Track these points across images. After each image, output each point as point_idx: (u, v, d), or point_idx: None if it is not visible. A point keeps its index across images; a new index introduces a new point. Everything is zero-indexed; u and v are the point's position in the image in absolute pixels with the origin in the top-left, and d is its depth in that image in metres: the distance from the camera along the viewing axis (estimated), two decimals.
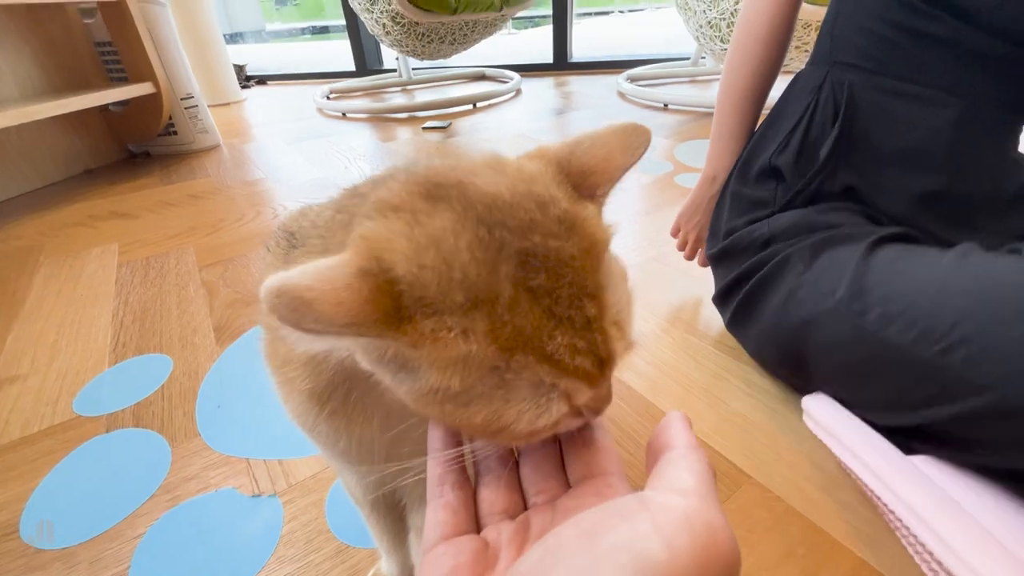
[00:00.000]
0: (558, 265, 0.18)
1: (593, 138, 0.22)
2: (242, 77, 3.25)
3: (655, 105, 2.08)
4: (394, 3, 1.98)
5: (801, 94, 0.64)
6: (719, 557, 0.15)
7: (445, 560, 0.19)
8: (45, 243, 1.23)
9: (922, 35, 0.54)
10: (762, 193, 0.65)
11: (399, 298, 0.16)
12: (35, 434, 0.66)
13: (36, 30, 1.59)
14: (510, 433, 0.19)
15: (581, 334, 0.18)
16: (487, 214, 0.18)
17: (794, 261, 0.58)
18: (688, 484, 0.17)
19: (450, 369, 0.17)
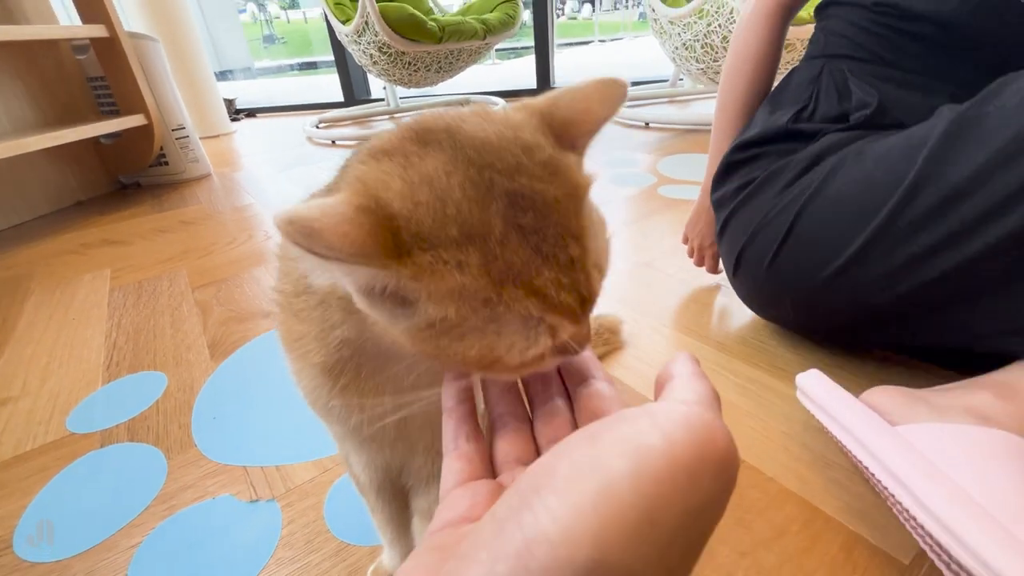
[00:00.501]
0: (544, 206, 0.19)
1: (574, 91, 0.23)
2: (232, 110, 3.30)
3: (637, 124, 2.14)
4: (381, 34, 2.05)
5: (801, 85, 0.68)
6: (715, 452, 0.15)
7: (462, 501, 0.20)
8: (35, 271, 1.23)
9: (903, 32, 0.61)
10: (788, 147, 0.65)
11: (398, 233, 0.17)
12: (27, 452, 0.65)
13: (29, 66, 1.62)
14: (502, 366, 0.20)
15: (565, 272, 0.19)
16: (476, 156, 0.19)
17: (861, 149, 0.57)
18: (690, 397, 0.18)
19: (447, 301, 0.18)
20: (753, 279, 0.68)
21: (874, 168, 0.53)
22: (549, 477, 0.15)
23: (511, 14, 2.37)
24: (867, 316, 0.58)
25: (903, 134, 0.53)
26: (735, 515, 0.49)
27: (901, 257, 0.50)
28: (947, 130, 0.48)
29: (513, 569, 0.14)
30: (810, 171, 0.60)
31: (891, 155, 0.52)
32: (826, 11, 0.70)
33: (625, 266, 1.00)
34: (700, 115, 2.15)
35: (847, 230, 0.54)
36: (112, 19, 1.60)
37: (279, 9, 13.63)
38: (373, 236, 0.17)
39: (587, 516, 0.14)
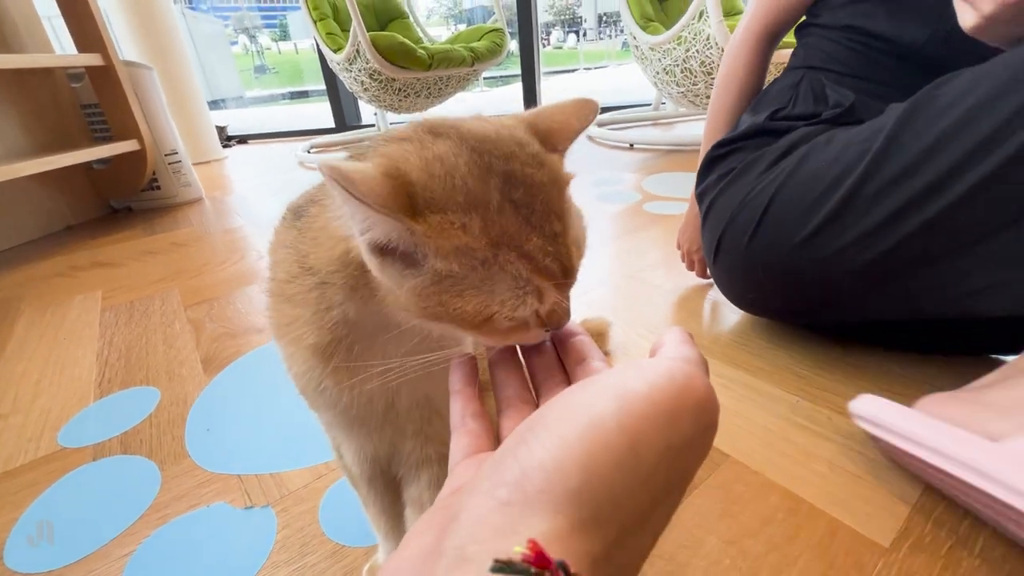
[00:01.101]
0: (533, 186, 0.22)
1: (554, 107, 0.27)
2: (223, 137, 3.34)
3: (622, 145, 2.21)
4: (372, 61, 2.11)
5: (780, 91, 0.74)
6: (694, 397, 0.17)
7: (469, 470, 0.21)
8: (25, 293, 1.23)
9: (876, 49, 0.66)
10: (765, 140, 0.69)
11: (414, 197, 0.20)
12: (18, 468, 0.65)
13: (23, 93, 1.65)
14: (494, 324, 0.22)
15: (550, 242, 0.22)
16: (478, 144, 0.22)
17: (832, 136, 0.61)
18: (674, 355, 0.20)
19: (451, 257, 0.21)
20: (732, 261, 0.71)
21: (842, 149, 0.58)
22: (542, 418, 0.17)
23: (498, 43, 2.46)
24: (837, 287, 0.61)
25: (868, 122, 0.58)
26: (722, 506, 0.50)
27: (866, 225, 0.54)
28: (904, 110, 0.52)
29: (511, 493, 0.15)
30: (784, 158, 0.64)
31: (857, 137, 0.57)
32: (806, 31, 0.76)
33: (613, 279, 1.03)
34: (682, 136, 2.23)
35: (815, 203, 0.58)
36: (108, 48, 1.64)
37: (270, 41, 13.89)
38: (395, 195, 0.20)
39: (575, 446, 0.15)
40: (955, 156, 0.47)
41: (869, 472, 0.53)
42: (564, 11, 15.74)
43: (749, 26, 0.77)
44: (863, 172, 0.54)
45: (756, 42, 0.77)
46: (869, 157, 0.53)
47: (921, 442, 0.45)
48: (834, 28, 0.70)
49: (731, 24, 1.64)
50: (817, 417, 0.61)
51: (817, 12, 0.73)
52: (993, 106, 0.45)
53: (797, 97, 0.71)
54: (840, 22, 0.69)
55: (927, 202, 0.49)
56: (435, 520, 0.17)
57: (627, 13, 2.10)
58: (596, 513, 0.15)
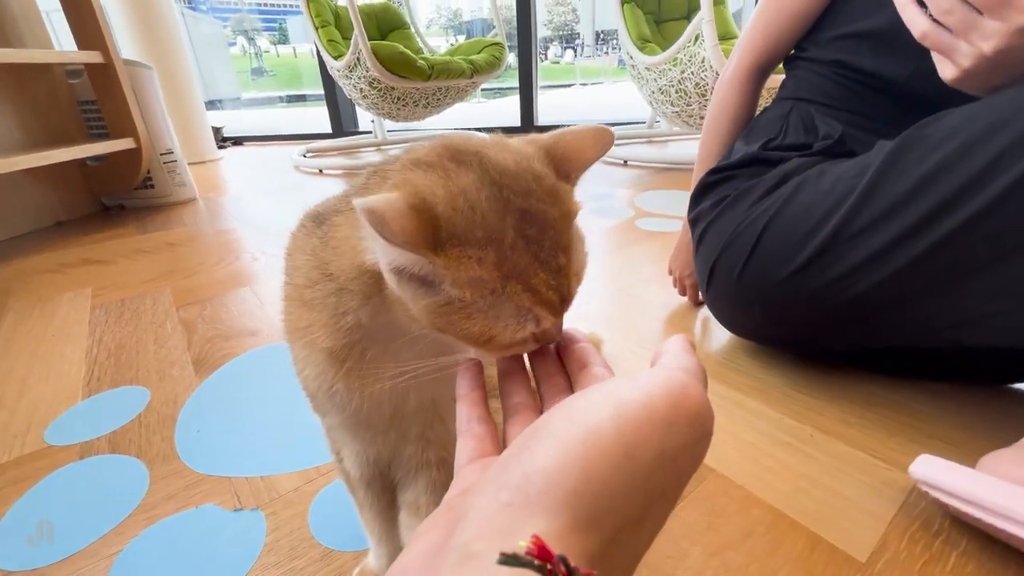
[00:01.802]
0: (544, 223, 0.24)
1: (573, 132, 0.28)
2: (219, 138, 3.34)
3: (616, 162, 2.25)
4: (372, 70, 2.13)
5: (770, 121, 0.76)
6: (689, 405, 0.18)
7: (474, 474, 0.23)
8: (13, 288, 1.22)
9: (864, 84, 0.69)
10: (757, 170, 0.72)
11: (438, 231, 0.22)
12: (2, 464, 0.64)
13: (21, 88, 1.64)
14: (494, 343, 0.24)
15: (554, 276, 0.24)
16: (499, 178, 0.24)
17: (823, 169, 0.63)
18: (672, 365, 0.21)
19: (465, 286, 0.23)
20: (725, 289, 0.73)
21: (832, 183, 0.60)
22: (545, 425, 0.18)
23: (497, 56, 2.49)
24: (826, 317, 0.63)
25: (859, 157, 0.60)
26: (705, 519, 0.51)
27: (855, 259, 0.56)
28: (893, 148, 0.54)
29: (514, 495, 0.16)
30: (777, 188, 0.67)
31: (847, 172, 0.59)
32: (794, 63, 0.79)
33: (605, 292, 1.04)
34: (675, 154, 2.27)
35: (807, 235, 0.60)
36: (108, 46, 1.65)
37: (269, 44, 13.91)
38: (421, 231, 0.21)
39: (575, 451, 0.17)
40: (943, 194, 0.49)
41: (848, 488, 0.54)
42: (562, 27, 15.98)
43: (740, 61, 0.80)
44: (852, 207, 0.56)
45: (747, 76, 0.80)
46: (858, 192, 0.56)
47: (1000, 512, 0.43)
48: (821, 62, 0.73)
49: (725, 48, 1.69)
50: (800, 435, 0.62)
51: (804, 46, 0.76)
52: (980, 145, 0.47)
53: (787, 127, 0.73)
54: (827, 56, 0.72)
55: (915, 238, 0.51)
56: (443, 519, 0.19)
57: (624, 33, 2.15)
58: (593, 514, 0.16)
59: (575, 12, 15.45)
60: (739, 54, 0.80)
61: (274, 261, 1.28)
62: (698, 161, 0.88)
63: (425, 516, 0.38)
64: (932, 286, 0.52)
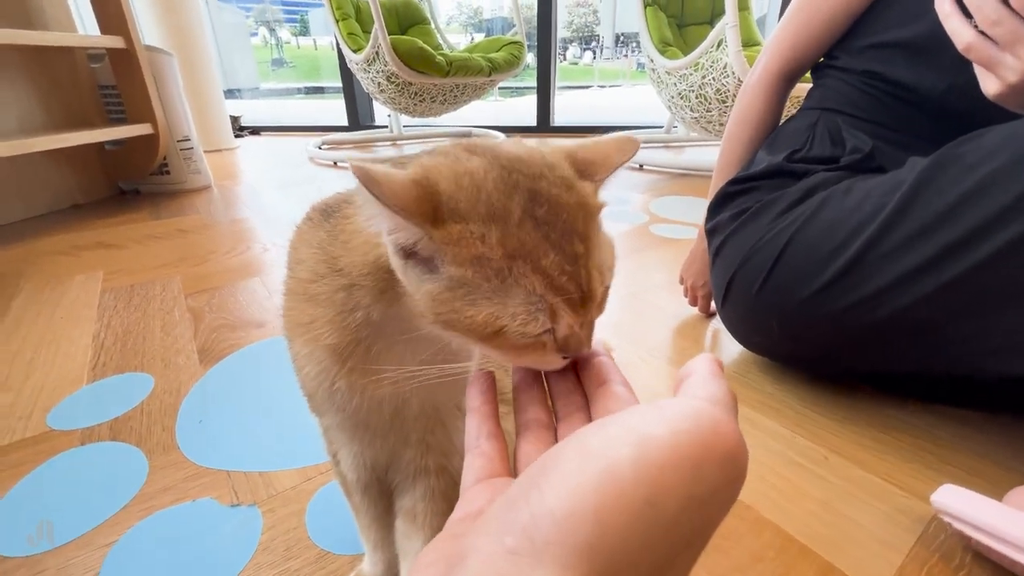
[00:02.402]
0: (557, 206, 0.22)
1: (595, 141, 0.28)
2: (236, 127, 3.35)
3: (631, 166, 2.22)
4: (391, 64, 2.12)
5: (796, 130, 0.73)
6: (721, 445, 0.15)
7: (481, 495, 0.21)
8: (26, 269, 1.23)
9: (895, 96, 0.66)
10: (781, 182, 0.69)
11: (439, 206, 0.21)
12: (4, 446, 0.64)
13: (43, 70, 1.66)
14: (504, 337, 0.22)
15: (569, 261, 0.22)
16: (509, 164, 0.23)
17: (851, 186, 0.61)
18: (701, 394, 0.18)
19: (467, 264, 0.21)
20: (743, 304, 0.71)
21: (860, 200, 0.57)
22: (557, 460, 0.16)
23: (516, 55, 2.48)
24: (850, 339, 0.61)
25: (888, 174, 0.58)
26: (713, 540, 0.49)
27: (881, 281, 0.54)
28: (929, 165, 0.52)
29: (519, 541, 0.15)
30: (802, 203, 0.64)
31: (876, 190, 0.57)
32: (823, 71, 0.76)
33: (615, 297, 1.02)
34: (692, 160, 2.24)
35: (831, 254, 0.58)
36: (131, 32, 1.66)
37: (290, 35, 14.03)
38: (419, 202, 0.21)
39: (589, 495, 0.14)
40: (982, 216, 0.47)
41: (863, 515, 0.52)
42: (582, 28, 15.94)
43: (767, 66, 0.77)
44: (881, 226, 0.54)
45: (774, 81, 0.77)
46: (888, 211, 0.53)
47: (998, 534, 0.41)
48: (852, 72, 0.70)
49: (748, 54, 1.66)
50: (813, 455, 0.60)
51: (835, 54, 0.73)
52: (1020, 170, 0.45)
53: (814, 139, 0.71)
54: (859, 66, 0.69)
55: (951, 261, 0.49)
56: (443, 551, 0.17)
57: (646, 36, 2.13)
58: (609, 569, 0.14)
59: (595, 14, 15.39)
60: (766, 58, 0.78)
61: (285, 252, 1.27)
62: (718, 168, 0.85)
63: (422, 524, 0.37)
64: (965, 311, 0.50)
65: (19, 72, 1.60)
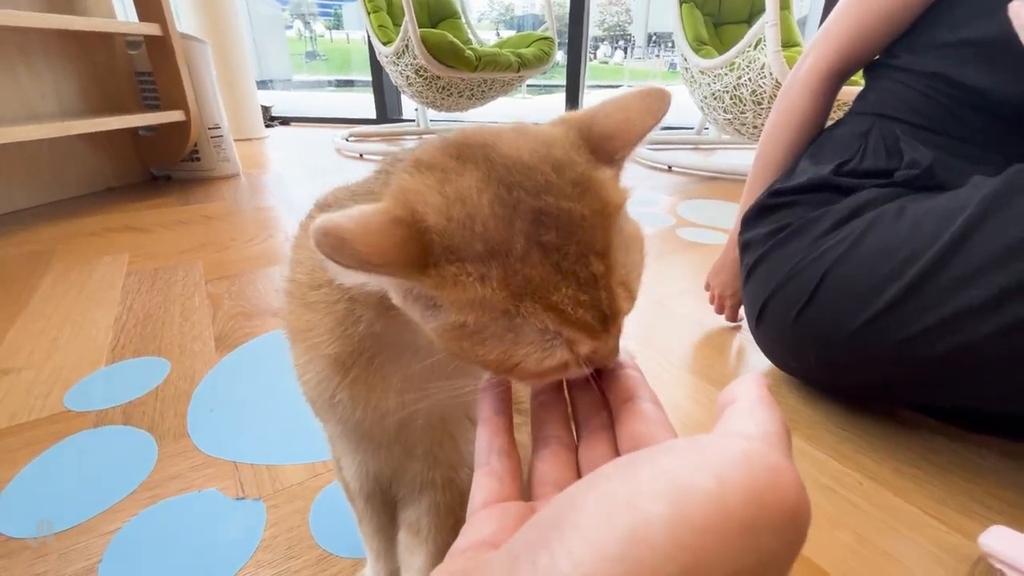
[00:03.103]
0: (568, 224, 0.19)
1: (616, 102, 0.23)
2: (267, 116, 3.40)
3: (659, 167, 2.17)
4: (419, 57, 2.11)
5: (848, 137, 0.67)
6: (781, 503, 0.12)
7: (488, 523, 0.19)
8: (58, 248, 1.25)
9: (962, 102, 0.60)
10: (826, 197, 0.64)
11: (429, 246, 0.18)
12: (21, 424, 0.65)
13: (83, 56, 1.70)
14: (521, 371, 0.20)
15: (585, 289, 0.19)
16: (507, 175, 0.19)
17: (903, 207, 0.55)
18: (751, 431, 0.15)
19: (467, 309, 0.19)
20: (778, 330, 0.66)
21: (914, 225, 0.53)
22: (573, 511, 0.13)
23: (546, 51, 2.44)
24: (899, 372, 0.56)
25: (946, 195, 0.52)
26: None
27: (935, 317, 0.49)
28: (992, 192, 0.47)
29: None
30: (847, 223, 0.59)
31: (934, 212, 0.52)
32: (878, 72, 0.69)
33: (641, 301, 0.99)
34: (723, 163, 2.18)
35: (880, 284, 0.53)
36: (167, 19, 1.68)
37: (324, 28, 14.23)
38: (402, 248, 0.18)
39: (612, 565, 0.12)
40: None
41: (901, 550, 0.48)
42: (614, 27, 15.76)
43: (816, 62, 0.70)
44: (937, 257, 0.49)
45: (824, 80, 0.71)
46: (946, 240, 0.49)
47: None
48: (915, 73, 0.63)
49: (788, 55, 1.59)
50: (846, 481, 0.56)
51: (896, 52, 0.67)
52: None
53: (866, 148, 0.65)
54: (925, 68, 0.62)
55: (1010, 303, 0.44)
56: None
57: (680, 34, 2.07)
58: None
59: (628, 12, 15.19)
60: (816, 54, 0.71)
61: None
62: (754, 172, 0.80)
63: (425, 538, 0.35)
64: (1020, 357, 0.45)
65: (60, 57, 1.64)
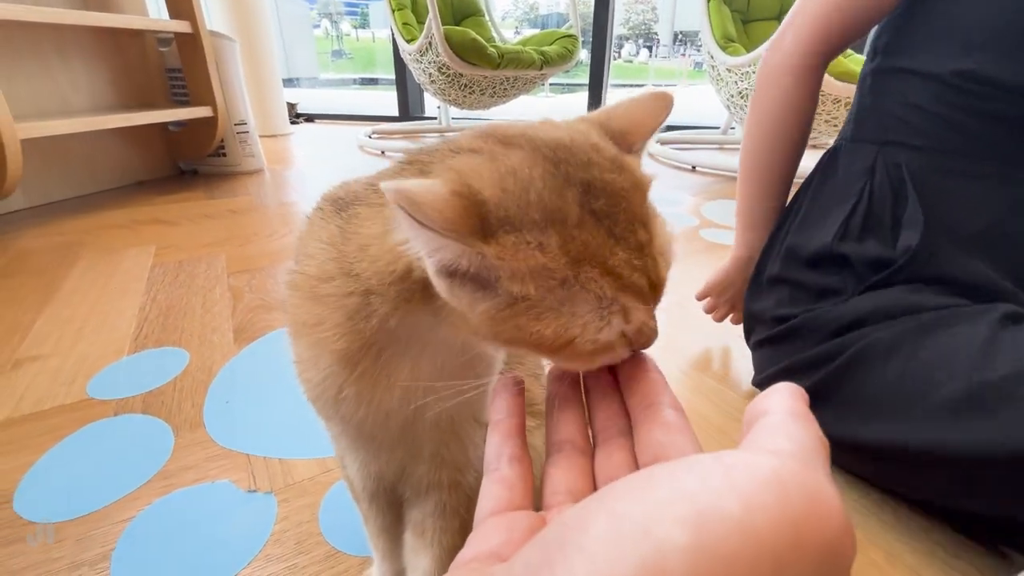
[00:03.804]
0: (614, 194, 0.20)
1: (626, 105, 0.25)
2: (292, 114, 3.45)
3: (683, 167, 2.13)
4: (442, 55, 2.11)
5: (850, 176, 0.60)
6: (818, 534, 0.11)
7: (496, 534, 0.18)
8: (88, 240, 1.29)
9: (981, 112, 0.52)
10: (829, 280, 0.59)
11: (486, 217, 0.18)
12: (45, 411, 0.66)
13: (116, 52, 1.74)
14: (573, 349, 0.19)
15: (636, 254, 0.20)
16: (552, 153, 0.20)
17: (899, 343, 0.50)
18: (784, 447, 0.14)
19: (527, 279, 0.19)
20: None
21: (901, 376, 0.49)
22: (582, 532, 0.12)
23: (569, 48, 2.42)
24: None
25: (942, 340, 0.48)
26: None
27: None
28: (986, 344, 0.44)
29: None
30: (839, 336, 0.55)
31: (933, 369, 0.47)
32: (880, 80, 0.60)
33: (661, 303, 0.97)
34: None
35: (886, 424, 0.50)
36: (198, 18, 1.71)
37: (351, 27, 14.43)
38: (465, 217, 0.18)
39: None
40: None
41: (932, 568, 0.45)
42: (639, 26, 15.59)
43: (804, 41, 0.61)
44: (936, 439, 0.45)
45: (806, 63, 0.61)
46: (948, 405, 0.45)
47: None
48: (927, 77, 0.54)
49: None
50: (872, 494, 0.54)
51: (896, 47, 0.57)
52: None
53: (871, 193, 0.57)
54: (943, 67, 0.53)
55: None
56: None
57: (708, 31, 2.02)
58: None
59: (654, 11, 15.02)
60: (803, 32, 0.60)
61: None
62: (744, 179, 0.71)
63: (431, 540, 0.34)
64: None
65: (94, 53, 1.69)
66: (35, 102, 1.54)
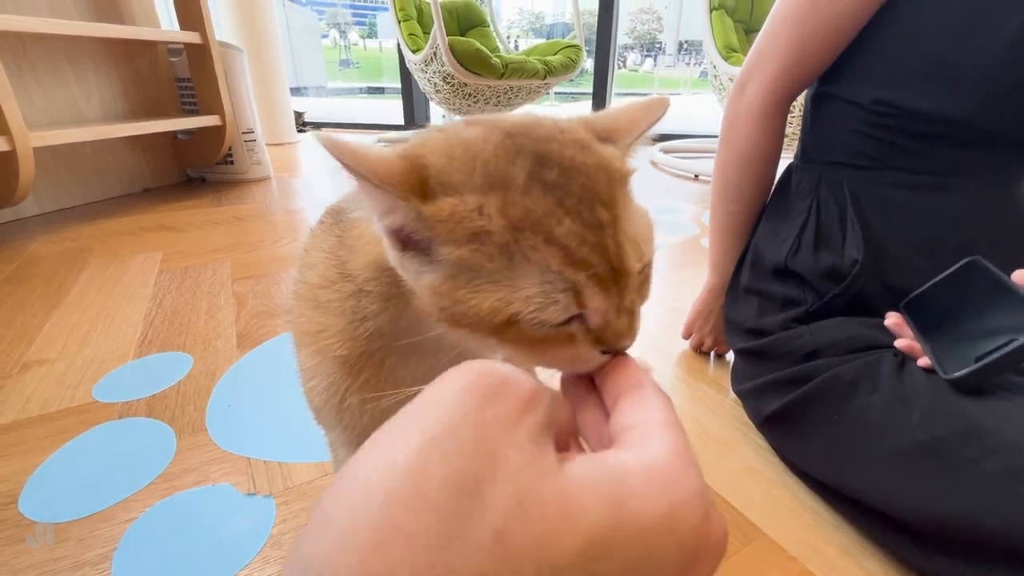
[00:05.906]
0: (571, 167, 0.19)
1: (619, 108, 0.25)
2: (300, 122, 3.49)
3: (686, 175, 2.13)
4: (447, 65, 2.14)
5: (799, 193, 0.63)
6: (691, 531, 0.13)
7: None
8: (96, 246, 1.31)
9: (909, 133, 0.54)
10: (790, 291, 0.62)
11: (427, 180, 0.19)
12: (51, 413, 0.67)
13: (128, 62, 1.78)
14: (520, 331, 0.19)
15: (591, 231, 0.18)
16: (512, 128, 0.20)
17: (858, 382, 0.51)
18: (661, 443, 0.16)
19: (464, 243, 0.18)
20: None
21: (856, 431, 0.50)
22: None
23: (573, 58, 2.44)
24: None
25: (883, 393, 0.49)
26: None
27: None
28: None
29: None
30: (798, 365, 0.57)
31: (882, 415, 0.48)
32: (818, 103, 0.62)
33: (657, 310, 0.97)
34: None
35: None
36: (207, 28, 1.75)
37: (358, 37, 14.62)
38: (404, 175, 0.18)
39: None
40: None
41: None
42: (644, 35, 15.68)
43: (769, 87, 0.62)
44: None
45: (770, 108, 0.63)
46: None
47: None
48: (853, 104, 0.57)
49: None
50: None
51: (830, 75, 0.60)
52: None
53: (819, 220, 0.60)
54: (865, 96, 0.56)
55: None
56: None
57: (709, 41, 2.04)
58: None
59: (659, 20, 15.10)
60: (768, 78, 0.61)
61: None
62: (716, 211, 0.74)
63: None
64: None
65: (106, 64, 1.72)
66: (48, 111, 1.57)
